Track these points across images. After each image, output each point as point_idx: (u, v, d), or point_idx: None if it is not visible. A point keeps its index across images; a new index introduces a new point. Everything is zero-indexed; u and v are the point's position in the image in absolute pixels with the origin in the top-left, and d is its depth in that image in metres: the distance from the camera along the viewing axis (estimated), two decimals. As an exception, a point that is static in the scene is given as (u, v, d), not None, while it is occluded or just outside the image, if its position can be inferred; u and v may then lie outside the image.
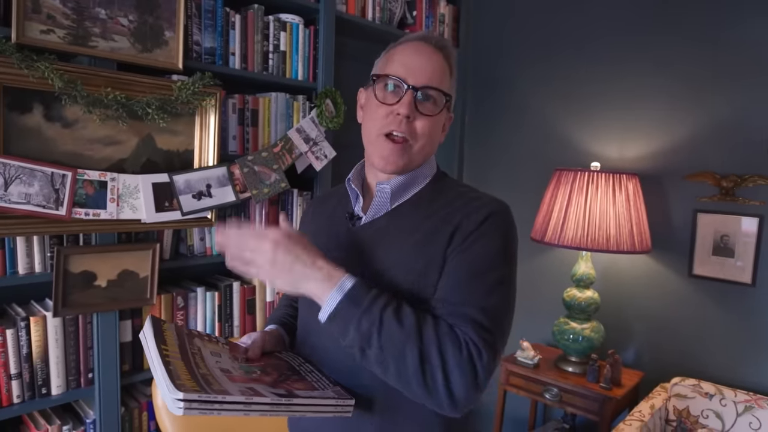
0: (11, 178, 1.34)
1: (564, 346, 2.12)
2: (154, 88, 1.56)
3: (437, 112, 0.95)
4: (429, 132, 0.96)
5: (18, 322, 1.44)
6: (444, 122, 1.01)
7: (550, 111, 2.48)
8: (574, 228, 1.98)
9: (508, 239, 0.93)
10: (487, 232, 0.90)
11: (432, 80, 0.94)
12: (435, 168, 1.05)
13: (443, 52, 0.98)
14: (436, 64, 0.96)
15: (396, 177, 0.98)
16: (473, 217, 0.91)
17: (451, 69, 0.99)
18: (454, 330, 0.84)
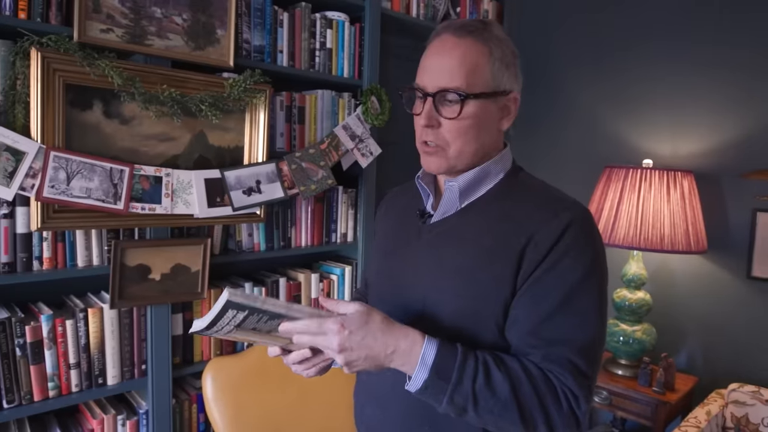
0: (73, 173, 1.38)
1: (614, 348, 2.06)
2: (207, 85, 1.59)
3: (463, 116, 0.87)
4: (462, 133, 0.89)
5: (77, 314, 1.48)
6: (494, 113, 0.90)
7: (598, 108, 2.42)
8: (625, 227, 1.92)
9: (597, 252, 0.85)
10: (572, 246, 0.83)
11: (452, 79, 0.86)
12: (510, 162, 0.98)
13: (472, 36, 0.87)
14: (458, 58, 0.87)
15: (465, 174, 0.93)
16: (553, 224, 0.84)
17: (489, 50, 0.87)
18: (551, 380, 0.80)
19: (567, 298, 0.82)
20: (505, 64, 0.89)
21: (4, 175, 1.30)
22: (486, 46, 0.87)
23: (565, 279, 0.82)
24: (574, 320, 0.81)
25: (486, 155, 0.94)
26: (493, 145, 0.95)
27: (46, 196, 1.34)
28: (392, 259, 1.03)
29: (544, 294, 0.82)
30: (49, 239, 1.42)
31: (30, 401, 1.41)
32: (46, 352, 1.43)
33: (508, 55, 0.90)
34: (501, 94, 0.90)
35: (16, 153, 1.31)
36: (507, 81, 0.90)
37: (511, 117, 0.93)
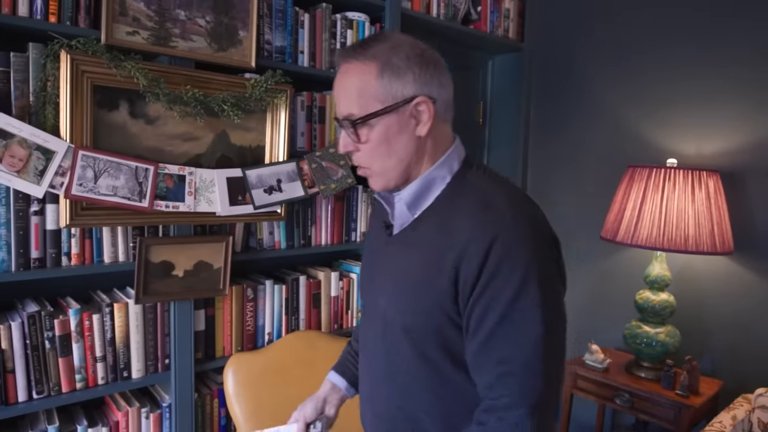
0: (100, 171, 1.42)
1: (636, 350, 2.03)
2: (229, 85, 1.62)
3: (370, 137, 0.88)
4: (375, 154, 0.89)
5: (103, 308, 1.52)
6: (401, 124, 0.87)
7: (621, 107, 2.38)
8: (648, 227, 1.89)
9: (530, 258, 0.80)
10: (502, 259, 0.80)
11: (347, 106, 0.88)
12: (457, 162, 0.93)
13: (355, 58, 0.87)
14: (346, 84, 0.88)
15: (410, 185, 0.93)
16: (481, 239, 0.81)
17: (375, 66, 0.85)
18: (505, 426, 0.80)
19: (504, 317, 0.80)
20: (397, 73, 0.86)
21: (35, 174, 1.34)
22: (370, 64, 0.86)
23: (499, 298, 0.80)
24: (521, 358, 0.80)
25: (424, 162, 0.92)
26: (422, 153, 0.92)
27: (74, 193, 1.38)
28: (369, 266, 1.08)
29: (483, 315, 0.82)
30: (77, 236, 1.47)
31: (58, 392, 1.45)
32: (74, 345, 1.47)
33: (400, 62, 0.86)
34: (401, 105, 0.87)
35: (46, 152, 1.35)
36: (404, 89, 0.86)
37: (425, 122, 0.88)
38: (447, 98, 0.92)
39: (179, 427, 1.64)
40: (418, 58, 0.87)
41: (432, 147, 0.92)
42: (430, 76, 0.88)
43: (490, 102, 2.85)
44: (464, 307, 0.84)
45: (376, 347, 1.01)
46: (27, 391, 1.41)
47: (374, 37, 0.89)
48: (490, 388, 0.82)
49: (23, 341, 1.40)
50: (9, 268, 1.38)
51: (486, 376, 0.83)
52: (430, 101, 0.87)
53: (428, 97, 0.87)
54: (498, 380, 0.81)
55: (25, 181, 1.33)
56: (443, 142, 0.93)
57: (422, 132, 0.89)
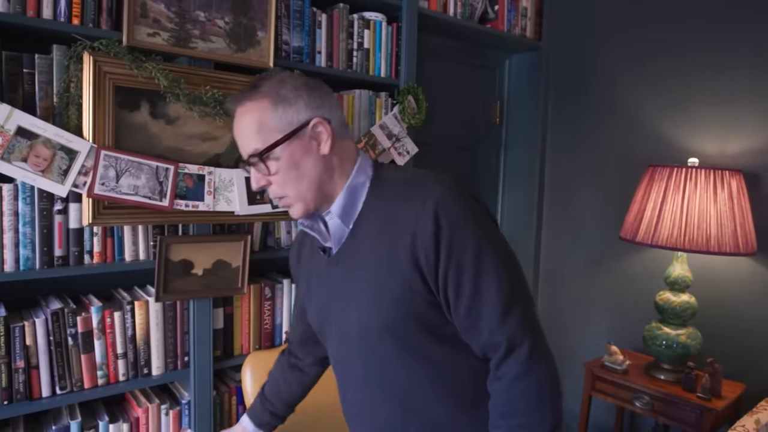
0: (122, 171, 1.44)
1: (656, 352, 2.00)
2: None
3: (278, 167, 0.92)
4: (286, 181, 0.94)
5: (124, 306, 1.54)
6: (304, 147, 0.93)
7: (640, 106, 2.35)
8: (669, 227, 1.87)
9: (473, 213, 0.90)
10: (452, 226, 0.87)
11: (249, 144, 0.93)
12: (369, 167, 1.00)
13: (247, 99, 0.93)
14: (244, 124, 0.93)
15: (336, 200, 0.97)
16: (425, 216, 0.87)
17: (267, 102, 0.91)
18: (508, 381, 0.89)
19: (477, 274, 0.87)
20: (289, 102, 0.92)
21: (59, 173, 1.37)
22: (262, 101, 0.92)
23: (465, 260, 0.87)
24: (495, 286, 0.87)
25: (337, 178, 0.97)
26: (331, 170, 0.96)
27: (96, 192, 1.40)
28: (317, 295, 1.08)
29: (458, 281, 0.88)
30: (99, 234, 1.49)
31: (81, 388, 1.48)
32: (96, 342, 1.49)
33: (289, 92, 0.92)
34: (299, 130, 0.92)
35: (69, 152, 1.38)
36: (299, 115, 0.92)
37: (326, 140, 0.94)
38: (340, 117, 0.98)
39: (198, 424, 1.66)
40: (304, 86, 0.94)
41: (339, 162, 0.97)
42: (320, 100, 0.94)
43: (507, 101, 2.83)
44: (435, 281, 0.89)
45: (356, 366, 1.02)
46: (50, 387, 1.44)
47: (260, 78, 0.96)
48: (491, 335, 0.89)
49: (47, 338, 1.42)
50: (33, 266, 1.40)
51: (484, 330, 0.89)
52: (325, 121, 0.94)
53: (323, 118, 0.94)
54: (498, 326, 0.88)
55: (49, 181, 1.35)
56: (349, 155, 0.99)
57: (325, 150, 0.94)
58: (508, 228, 2.86)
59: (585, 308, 2.59)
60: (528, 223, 2.77)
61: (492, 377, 0.92)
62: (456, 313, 0.90)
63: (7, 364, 1.37)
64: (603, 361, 2.12)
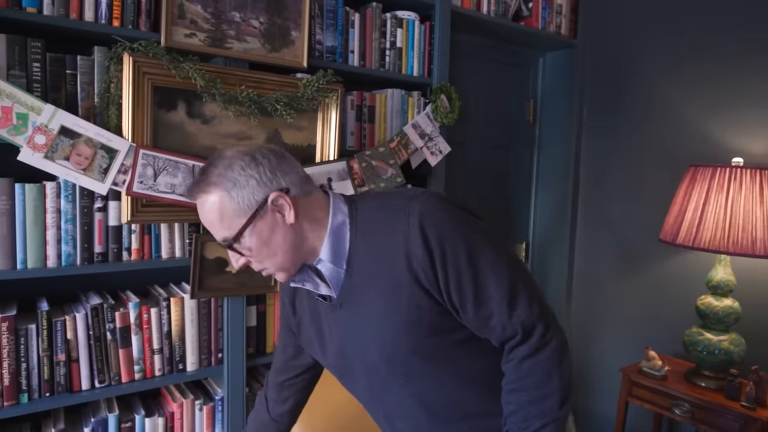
0: (159, 169, 1.47)
1: (697, 358, 1.93)
2: (282, 85, 1.64)
3: (250, 247, 0.93)
4: (263, 257, 0.94)
5: (160, 302, 1.57)
6: (269, 224, 0.92)
7: (681, 104, 2.28)
8: (712, 229, 1.80)
9: (464, 230, 0.90)
10: (441, 238, 0.88)
11: (220, 233, 0.93)
12: (344, 206, 0.98)
13: (201, 192, 0.92)
14: (207, 217, 0.93)
15: (322, 248, 0.96)
16: (412, 233, 0.88)
17: (221, 193, 0.90)
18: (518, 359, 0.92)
19: (475, 275, 0.89)
20: (241, 186, 0.90)
21: (99, 171, 1.40)
22: (216, 192, 0.90)
23: (460, 266, 0.88)
24: (495, 282, 0.89)
25: (313, 234, 0.96)
26: (305, 233, 0.95)
27: (135, 191, 1.43)
28: (328, 341, 1.06)
29: (459, 287, 0.89)
30: (137, 232, 1.52)
31: (118, 382, 1.51)
32: (133, 337, 1.52)
33: (238, 176, 0.90)
34: (260, 209, 0.91)
35: (109, 151, 1.41)
36: (254, 195, 0.91)
37: (289, 210, 0.92)
38: (297, 178, 0.95)
39: (231, 420, 1.68)
40: (251, 163, 0.91)
41: (310, 221, 0.96)
42: (270, 172, 0.92)
43: (540, 100, 2.78)
44: (439, 293, 0.90)
45: (395, 395, 1.01)
46: (90, 380, 1.47)
47: (209, 165, 0.93)
48: (504, 333, 0.91)
49: (87, 332, 1.46)
50: (75, 262, 1.44)
51: (497, 326, 0.91)
52: (282, 193, 0.92)
53: (279, 190, 0.92)
54: (508, 320, 0.90)
55: (90, 179, 1.39)
56: (318, 206, 0.97)
57: (291, 219, 0.93)
58: (541, 228, 2.81)
59: (621, 312, 2.52)
60: (562, 223, 2.71)
61: (505, 358, 0.95)
62: (466, 316, 0.92)
63: (49, 357, 1.41)
64: (640, 367, 2.06)
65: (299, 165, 0.98)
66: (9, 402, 1.37)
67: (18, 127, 1.31)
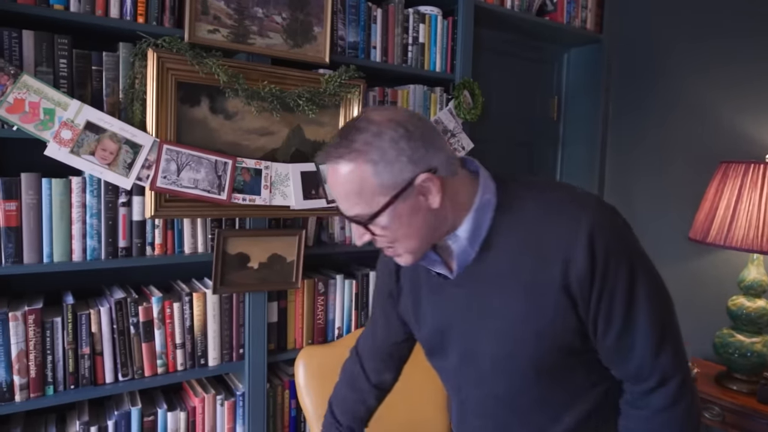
0: (183, 164, 1.47)
1: (728, 360, 1.88)
2: (304, 81, 1.64)
3: (385, 227, 0.84)
4: (398, 237, 0.86)
5: (183, 297, 1.58)
6: (411, 206, 0.83)
7: (711, 100, 2.22)
8: (745, 227, 1.75)
9: (632, 253, 0.84)
10: (609, 255, 0.81)
11: (351, 208, 0.84)
12: (492, 188, 0.90)
13: (344, 161, 0.81)
14: (342, 190, 0.83)
15: (462, 226, 0.89)
16: (579, 243, 0.81)
17: (366, 165, 0.80)
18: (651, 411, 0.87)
19: (629, 307, 0.84)
20: (390, 162, 0.81)
21: (124, 166, 1.41)
22: (360, 164, 0.81)
23: (617, 294, 0.83)
24: (645, 321, 0.84)
25: (453, 218, 0.89)
26: (445, 216, 0.88)
27: (158, 185, 1.44)
28: (434, 320, 1.00)
29: (610, 313, 0.84)
30: (160, 227, 1.53)
31: (141, 376, 1.52)
32: (156, 332, 1.53)
33: (389, 149, 0.80)
34: (404, 190, 0.82)
35: (134, 146, 1.42)
36: (402, 174, 0.81)
37: (435, 194, 0.84)
38: (446, 157, 0.86)
39: (252, 416, 1.68)
40: (404, 136, 0.81)
41: (454, 202, 0.88)
42: (424, 149, 0.83)
43: (565, 97, 2.74)
44: (586, 311, 0.85)
45: (483, 391, 0.97)
46: (113, 374, 1.49)
47: (353, 129, 0.82)
48: (639, 372, 0.86)
49: (111, 326, 1.47)
50: (99, 256, 1.45)
51: (633, 361, 0.86)
52: (432, 175, 0.83)
53: (429, 171, 0.83)
54: (650, 362, 0.85)
55: (114, 173, 1.40)
56: (465, 186, 0.90)
57: (435, 204, 0.85)
58: (565, 228, 2.75)
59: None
60: (586, 222, 2.66)
61: (632, 403, 0.90)
62: (604, 341, 0.86)
63: (74, 350, 1.43)
64: (668, 369, 2.01)
65: (445, 140, 0.92)
66: (35, 393, 1.39)
67: (45, 122, 1.33)
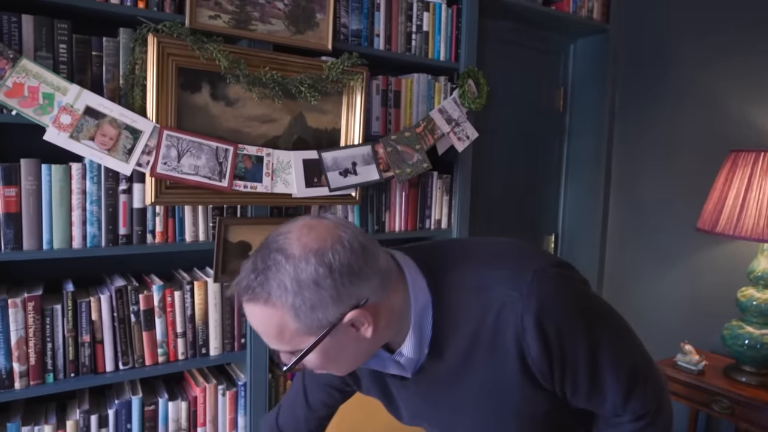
0: (183, 151, 1.46)
1: (737, 352, 1.85)
2: (306, 67, 1.62)
3: (313, 360, 0.75)
4: (330, 368, 0.79)
5: (184, 286, 1.56)
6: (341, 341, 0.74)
7: (721, 88, 2.18)
8: (754, 217, 1.72)
9: (587, 323, 0.79)
10: (562, 342, 0.76)
11: (274, 344, 0.74)
12: (422, 286, 0.79)
13: (255, 303, 0.70)
14: (260, 327, 0.73)
15: (404, 345, 0.81)
16: (528, 334, 0.75)
17: (283, 309, 0.69)
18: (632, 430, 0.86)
19: (594, 370, 0.80)
20: (312, 307, 0.70)
21: (124, 152, 1.39)
22: (276, 307, 0.70)
23: (578, 363, 0.79)
24: (613, 376, 0.81)
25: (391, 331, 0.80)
26: (381, 338, 0.79)
27: (159, 171, 1.43)
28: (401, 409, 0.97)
29: (575, 381, 0.81)
30: (161, 214, 1.52)
31: (142, 365, 1.51)
32: (157, 320, 1.52)
33: (313, 296, 0.69)
34: (331, 330, 0.72)
35: (134, 131, 1.40)
36: (327, 317, 0.71)
37: (367, 326, 0.74)
38: (379, 278, 0.74)
39: (254, 406, 1.66)
40: (327, 275, 0.69)
41: (389, 322, 0.78)
42: (351, 284, 0.71)
43: (571, 88, 2.71)
44: (551, 386, 0.82)
45: None
46: (114, 362, 1.47)
47: (268, 265, 0.70)
48: (614, 412, 0.85)
49: (111, 314, 1.46)
50: (99, 243, 1.44)
51: (607, 409, 0.85)
52: (364, 310, 0.73)
53: (360, 306, 0.72)
54: (622, 408, 0.84)
55: (114, 159, 1.38)
56: (398, 296, 0.78)
57: (369, 334, 0.75)
58: (570, 219, 2.73)
59: (654, 305, 2.43)
60: (592, 214, 2.63)
61: (606, 422, 0.89)
62: (573, 401, 0.85)
63: (74, 338, 1.42)
64: (676, 361, 1.98)
65: (378, 246, 0.77)
66: (35, 381, 1.38)
67: (44, 106, 1.32)
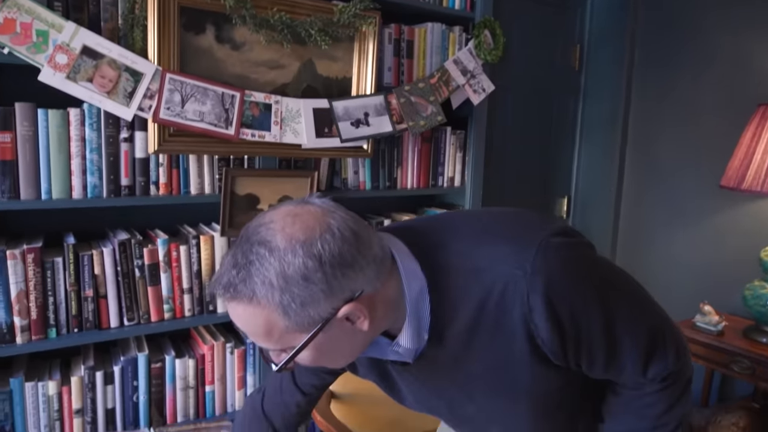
0: (187, 95, 1.37)
1: (759, 313, 1.80)
2: (316, 10, 1.52)
3: (305, 356, 0.68)
4: (324, 362, 0.73)
5: (190, 240, 1.50)
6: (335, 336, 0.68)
7: (749, 38, 2.08)
8: (784, 171, 1.64)
9: (600, 295, 0.73)
10: (572, 305, 0.69)
11: (261, 342, 0.68)
12: (415, 271, 0.72)
13: (239, 302, 0.64)
14: (247, 326, 0.67)
15: (401, 335, 0.74)
16: (537, 314, 0.68)
17: (269, 308, 0.63)
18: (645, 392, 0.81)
19: (610, 343, 0.75)
20: (303, 303, 0.63)
21: (124, 95, 1.31)
22: (263, 308, 0.63)
23: (593, 338, 0.73)
24: (631, 342, 0.76)
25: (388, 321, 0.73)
26: (378, 328, 0.73)
27: (162, 117, 1.35)
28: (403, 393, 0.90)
29: (591, 356, 0.75)
30: (164, 165, 1.44)
31: (148, 321, 1.46)
32: (162, 275, 1.46)
33: (303, 292, 0.62)
34: (325, 325, 0.66)
35: (134, 74, 1.32)
36: (319, 312, 0.64)
37: (363, 319, 0.67)
38: (373, 268, 0.67)
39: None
40: (317, 268, 0.62)
41: (386, 312, 0.72)
42: (343, 277, 0.64)
43: (587, 45, 2.60)
44: (566, 363, 0.76)
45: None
46: (118, 318, 1.42)
47: (251, 260, 0.63)
48: (636, 381, 0.81)
49: (114, 268, 1.40)
50: (101, 194, 1.37)
51: (628, 379, 0.81)
52: (358, 303, 0.66)
53: (354, 299, 0.66)
54: (642, 376, 0.79)
55: (114, 103, 1.30)
56: (393, 285, 0.71)
57: (365, 328, 0.69)
58: (585, 181, 2.65)
59: (672, 265, 2.37)
60: (608, 174, 2.55)
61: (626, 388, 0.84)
62: (591, 373, 0.79)
63: (76, 292, 1.36)
64: (694, 322, 1.93)
65: (370, 230, 0.69)
66: (37, 336, 1.32)
67: (38, 44, 1.23)
